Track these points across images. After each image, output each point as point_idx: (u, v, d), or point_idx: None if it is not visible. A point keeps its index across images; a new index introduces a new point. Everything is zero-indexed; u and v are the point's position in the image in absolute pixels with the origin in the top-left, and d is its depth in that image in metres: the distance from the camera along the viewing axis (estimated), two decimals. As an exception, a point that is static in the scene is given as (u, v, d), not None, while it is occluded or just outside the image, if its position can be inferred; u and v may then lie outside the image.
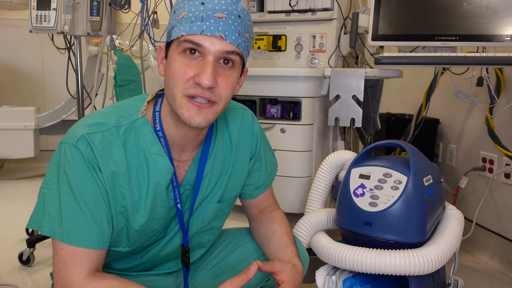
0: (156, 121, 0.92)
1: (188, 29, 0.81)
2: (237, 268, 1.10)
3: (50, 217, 0.83)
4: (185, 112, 0.84)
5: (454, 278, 1.31)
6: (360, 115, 1.92)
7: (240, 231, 1.17)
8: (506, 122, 1.94)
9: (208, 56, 0.82)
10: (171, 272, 1.10)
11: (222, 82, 0.84)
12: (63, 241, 0.82)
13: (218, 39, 0.82)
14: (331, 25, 2.18)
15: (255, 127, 1.08)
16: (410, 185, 1.19)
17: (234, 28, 0.83)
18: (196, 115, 0.84)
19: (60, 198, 0.83)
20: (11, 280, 1.72)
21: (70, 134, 0.87)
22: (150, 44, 2.18)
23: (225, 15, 0.82)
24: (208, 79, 0.81)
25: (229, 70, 0.85)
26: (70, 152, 0.84)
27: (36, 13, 1.98)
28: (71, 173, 0.84)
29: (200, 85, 0.82)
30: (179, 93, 0.83)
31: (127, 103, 0.95)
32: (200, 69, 0.82)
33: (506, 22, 1.58)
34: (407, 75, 2.24)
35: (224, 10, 0.82)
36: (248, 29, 0.88)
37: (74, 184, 0.83)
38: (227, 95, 0.86)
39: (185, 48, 0.83)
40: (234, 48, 0.83)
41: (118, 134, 0.88)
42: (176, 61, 0.84)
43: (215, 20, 0.81)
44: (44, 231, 0.84)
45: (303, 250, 1.13)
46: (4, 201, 2.72)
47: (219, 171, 1.01)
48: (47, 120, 3.16)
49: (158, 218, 0.95)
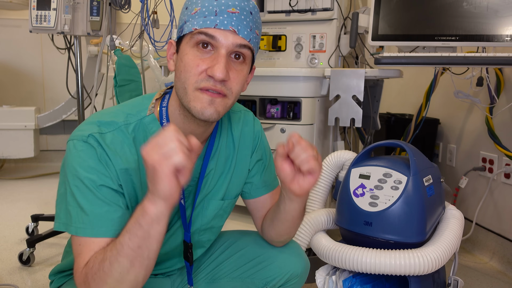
0: (163, 116, 0.92)
1: (201, 23, 0.83)
2: (235, 274, 1.10)
3: (72, 216, 0.83)
4: (197, 104, 0.84)
5: (454, 278, 1.31)
6: (360, 115, 1.92)
7: (240, 235, 1.17)
8: (506, 122, 1.94)
9: (221, 49, 0.83)
10: (170, 274, 1.10)
11: (234, 76, 0.85)
12: (86, 235, 0.82)
13: (231, 33, 0.83)
14: (331, 25, 2.18)
15: (257, 128, 1.09)
16: (410, 185, 1.20)
17: (246, 24, 0.85)
18: (208, 106, 0.84)
19: (74, 194, 0.83)
20: (11, 280, 1.72)
21: (79, 131, 0.86)
22: (150, 44, 2.18)
23: (238, 11, 0.84)
24: (221, 71, 0.82)
25: (240, 65, 0.87)
26: (81, 147, 0.84)
27: (36, 13, 1.98)
28: (82, 167, 0.83)
29: (213, 77, 0.82)
30: (191, 86, 0.84)
31: (135, 101, 0.95)
32: (213, 62, 0.83)
33: (506, 22, 1.58)
34: (407, 75, 2.24)
35: (237, 5, 0.84)
36: (258, 26, 0.90)
37: (86, 177, 0.82)
38: (238, 89, 0.87)
39: (198, 41, 0.84)
40: (246, 42, 0.85)
41: (128, 132, 0.88)
42: (188, 55, 0.85)
43: (228, 14, 0.83)
44: (70, 231, 0.84)
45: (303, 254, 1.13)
46: (4, 201, 2.73)
47: (222, 168, 1.02)
48: (47, 120, 3.16)
49: None
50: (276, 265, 1.08)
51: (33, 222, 2.09)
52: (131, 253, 0.76)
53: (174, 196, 0.74)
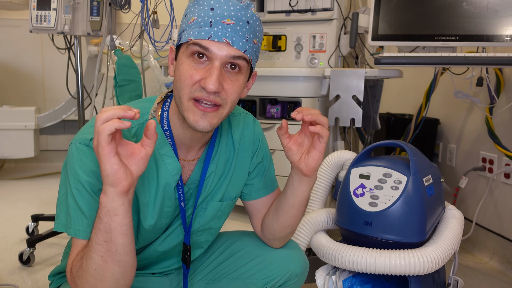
0: (163, 121, 0.93)
1: (196, 34, 0.83)
2: (234, 274, 1.10)
3: (72, 218, 0.83)
4: (190, 115, 0.85)
5: (454, 278, 1.31)
6: (360, 115, 1.92)
7: (239, 235, 1.17)
8: (506, 122, 1.94)
9: (215, 61, 0.84)
10: (167, 273, 1.10)
11: (229, 87, 0.86)
12: (85, 238, 0.82)
13: (225, 45, 0.83)
14: (331, 25, 2.18)
15: (257, 130, 1.09)
16: (410, 185, 1.20)
17: (242, 34, 0.85)
18: (200, 119, 0.85)
19: (75, 196, 0.83)
20: (11, 280, 1.72)
21: (82, 134, 0.87)
22: (150, 44, 2.18)
23: (233, 21, 0.84)
24: (213, 84, 0.82)
25: (236, 75, 0.87)
26: (83, 151, 0.84)
27: (36, 13, 1.98)
28: (83, 171, 0.83)
29: (205, 89, 0.83)
30: (185, 96, 0.85)
31: (137, 105, 0.96)
32: (206, 73, 0.84)
33: (506, 22, 1.58)
34: (407, 75, 2.24)
35: (232, 16, 0.84)
36: (257, 34, 0.89)
37: (86, 181, 0.83)
38: (233, 99, 0.88)
39: (193, 52, 0.84)
40: (241, 54, 0.85)
41: (130, 135, 0.90)
42: (184, 64, 0.85)
43: (223, 26, 0.83)
44: (69, 233, 0.84)
45: (302, 254, 1.13)
46: (4, 201, 2.73)
47: (222, 170, 1.02)
48: (47, 120, 3.17)
49: (165, 216, 0.97)
50: (275, 265, 1.08)
51: (33, 222, 2.09)
52: (99, 248, 0.76)
53: (121, 180, 0.73)
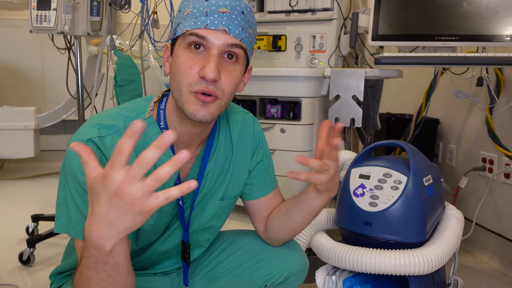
0: (160, 119, 0.93)
1: (192, 24, 0.84)
2: (234, 272, 1.10)
3: (72, 219, 0.83)
4: (190, 106, 0.85)
5: (454, 278, 1.31)
6: (360, 115, 1.92)
7: (239, 234, 1.17)
8: (506, 122, 1.94)
9: (212, 50, 0.84)
10: (169, 273, 1.10)
11: (226, 77, 0.86)
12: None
13: (222, 33, 0.83)
14: (331, 25, 2.18)
15: (257, 129, 1.09)
16: (410, 185, 1.20)
17: (237, 23, 0.85)
18: (200, 108, 0.85)
19: (74, 198, 0.83)
20: (11, 280, 1.72)
21: (79, 135, 0.86)
22: (150, 44, 2.18)
23: (228, 10, 0.84)
24: (212, 71, 0.82)
25: (233, 64, 0.87)
26: None
27: (36, 13, 1.99)
28: (81, 172, 0.81)
29: (205, 77, 0.83)
30: (185, 89, 0.85)
31: (134, 104, 0.95)
32: (204, 62, 0.84)
33: (506, 22, 1.58)
34: (407, 75, 2.24)
35: (227, 5, 0.84)
36: (252, 25, 0.90)
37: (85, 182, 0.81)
38: (230, 89, 0.87)
39: (190, 42, 0.84)
40: (238, 42, 0.85)
41: None
42: (181, 56, 0.85)
43: (219, 14, 0.84)
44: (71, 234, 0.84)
45: (302, 252, 1.13)
46: (4, 201, 2.72)
47: (220, 169, 1.02)
48: (47, 120, 3.16)
49: (164, 215, 0.96)
50: (275, 263, 1.08)
51: (33, 222, 2.09)
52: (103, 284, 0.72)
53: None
